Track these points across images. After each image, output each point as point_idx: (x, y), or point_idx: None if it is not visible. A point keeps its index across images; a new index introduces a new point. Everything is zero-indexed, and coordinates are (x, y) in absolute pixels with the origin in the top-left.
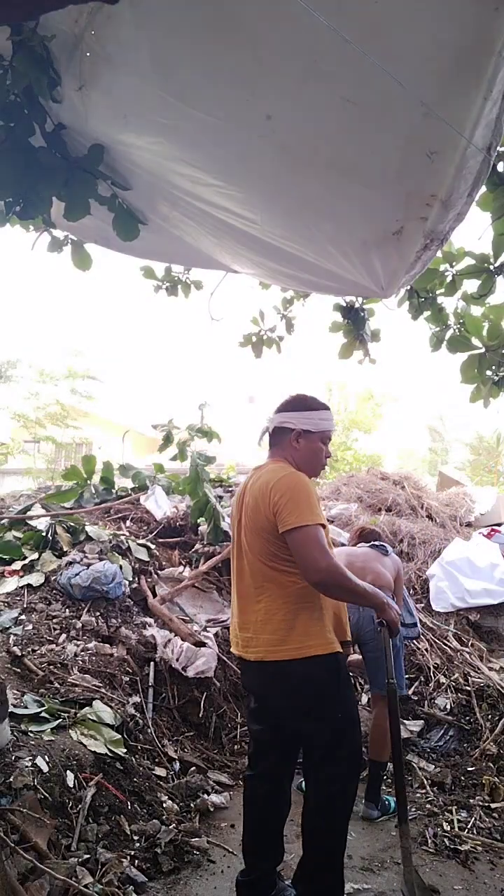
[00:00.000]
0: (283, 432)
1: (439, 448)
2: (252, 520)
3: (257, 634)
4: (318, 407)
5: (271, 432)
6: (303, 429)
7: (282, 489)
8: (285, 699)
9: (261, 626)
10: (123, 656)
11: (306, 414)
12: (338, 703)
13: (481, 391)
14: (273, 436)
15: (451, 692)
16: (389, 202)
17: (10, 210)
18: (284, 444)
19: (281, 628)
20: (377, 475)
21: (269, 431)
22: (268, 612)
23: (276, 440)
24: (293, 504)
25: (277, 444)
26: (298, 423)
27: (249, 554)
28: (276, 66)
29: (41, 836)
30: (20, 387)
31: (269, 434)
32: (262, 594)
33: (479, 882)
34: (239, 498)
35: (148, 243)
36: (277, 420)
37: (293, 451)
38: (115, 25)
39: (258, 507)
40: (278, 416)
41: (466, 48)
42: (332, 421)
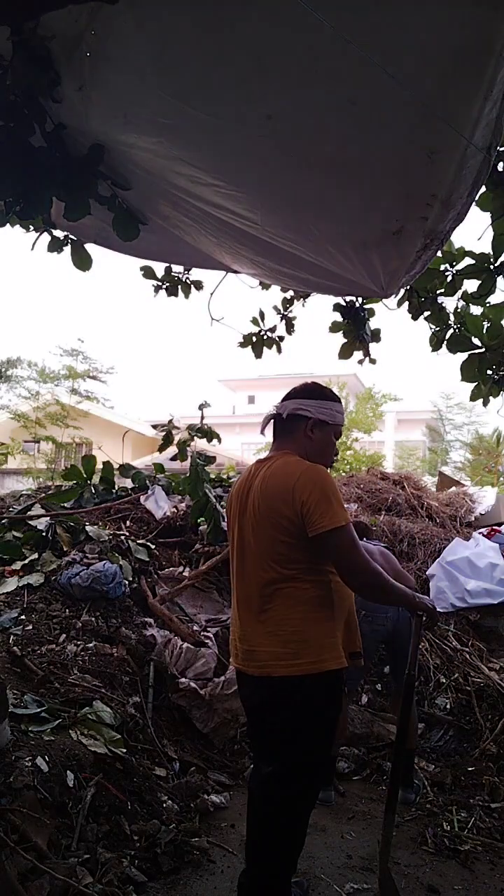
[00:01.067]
0: (297, 420)
1: (439, 448)
2: (264, 519)
3: (261, 647)
4: (334, 398)
5: (282, 420)
6: (319, 418)
7: (309, 486)
8: (284, 714)
9: (267, 637)
10: (123, 656)
11: (323, 403)
12: (328, 722)
13: (481, 390)
14: (282, 424)
15: (451, 692)
16: (389, 202)
17: (10, 210)
18: (297, 434)
19: (293, 640)
20: (377, 475)
21: (278, 418)
22: (276, 622)
23: (287, 428)
24: (325, 503)
25: (288, 433)
26: (315, 411)
27: (257, 557)
28: (276, 66)
29: (41, 836)
30: (20, 387)
31: (278, 422)
32: (269, 602)
33: (479, 882)
34: (240, 495)
35: (148, 243)
36: (291, 406)
37: (307, 443)
38: (115, 25)
39: (274, 507)
40: (292, 402)
41: (466, 48)
42: (344, 415)
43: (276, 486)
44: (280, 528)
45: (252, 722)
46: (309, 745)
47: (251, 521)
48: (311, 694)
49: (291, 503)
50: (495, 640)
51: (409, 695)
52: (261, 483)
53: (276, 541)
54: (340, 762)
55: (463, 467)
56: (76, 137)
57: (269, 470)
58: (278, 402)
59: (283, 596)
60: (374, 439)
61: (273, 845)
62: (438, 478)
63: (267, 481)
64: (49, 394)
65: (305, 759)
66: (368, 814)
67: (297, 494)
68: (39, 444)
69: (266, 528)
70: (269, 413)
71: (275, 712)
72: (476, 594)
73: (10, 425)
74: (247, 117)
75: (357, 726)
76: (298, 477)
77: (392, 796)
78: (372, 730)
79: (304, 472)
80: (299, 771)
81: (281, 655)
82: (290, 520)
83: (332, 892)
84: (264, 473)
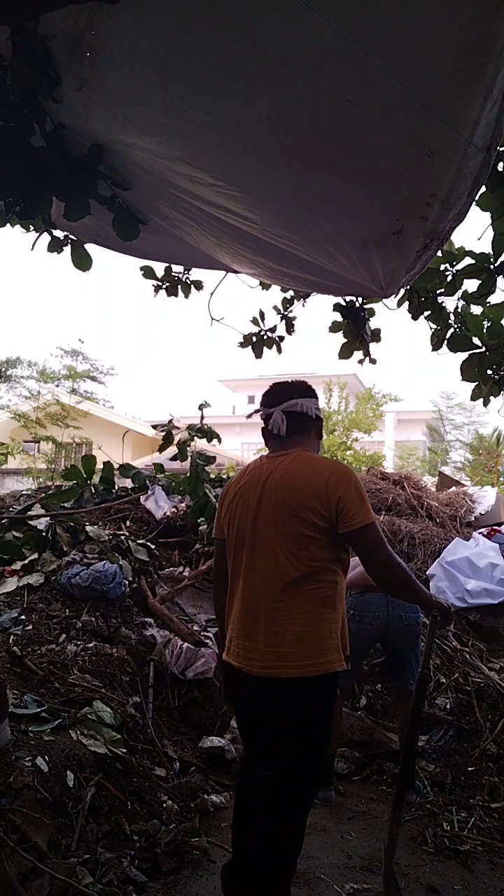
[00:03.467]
0: (307, 418)
1: (439, 448)
2: (286, 515)
3: (268, 647)
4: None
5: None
6: (321, 416)
7: (343, 484)
8: (290, 715)
9: (274, 637)
10: (123, 656)
11: (316, 402)
12: (329, 722)
13: (482, 390)
14: (294, 421)
15: (451, 692)
16: (389, 202)
17: (10, 210)
18: (310, 432)
19: (303, 640)
20: (377, 475)
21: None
22: (285, 621)
23: (302, 428)
24: (360, 500)
25: (300, 431)
26: (318, 409)
27: (273, 553)
28: (276, 66)
29: (41, 836)
30: (20, 387)
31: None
32: (279, 600)
33: (479, 882)
34: (248, 490)
35: (148, 243)
36: (313, 407)
37: (318, 443)
38: (116, 25)
39: (302, 502)
40: (308, 401)
41: (466, 48)
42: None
43: (303, 482)
44: (307, 523)
45: (248, 724)
46: (313, 746)
47: (267, 517)
48: (317, 695)
49: (325, 499)
50: (495, 640)
51: (421, 693)
52: (282, 479)
53: (301, 536)
54: (340, 763)
55: (463, 467)
56: (76, 137)
57: (289, 466)
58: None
59: (295, 594)
60: (374, 439)
61: (279, 848)
62: (438, 478)
63: (291, 477)
64: (49, 394)
65: (309, 760)
66: (368, 814)
67: (331, 491)
68: (39, 444)
69: (288, 523)
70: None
71: (280, 713)
72: (476, 594)
73: (10, 425)
74: (247, 117)
75: (357, 733)
76: (331, 474)
77: (400, 795)
78: (372, 737)
79: (336, 470)
80: (303, 772)
81: (289, 656)
82: (321, 515)
83: (332, 892)
84: (283, 469)
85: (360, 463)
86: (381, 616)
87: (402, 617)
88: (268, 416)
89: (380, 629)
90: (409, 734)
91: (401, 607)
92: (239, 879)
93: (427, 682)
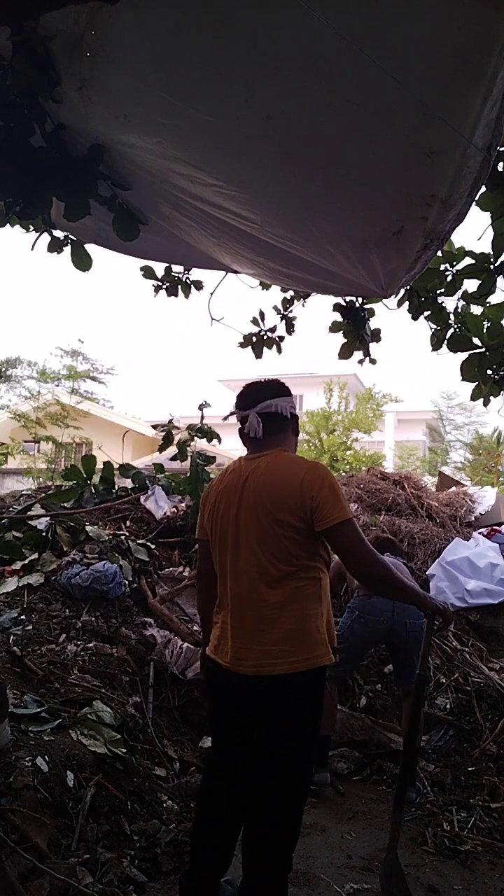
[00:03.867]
0: (282, 418)
1: (439, 448)
2: (266, 516)
3: (256, 645)
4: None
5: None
6: (296, 414)
7: (317, 483)
8: (281, 711)
9: (262, 635)
10: (123, 656)
11: (291, 399)
12: (319, 715)
13: (482, 390)
14: (273, 423)
15: (451, 692)
16: (389, 202)
17: (10, 210)
18: (286, 431)
19: (290, 637)
20: (377, 475)
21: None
22: (272, 619)
23: (279, 428)
24: (335, 498)
25: (277, 431)
26: (292, 408)
27: (253, 555)
28: (276, 66)
29: (41, 836)
30: (20, 387)
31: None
32: (264, 601)
33: (479, 882)
34: (228, 492)
35: (148, 243)
36: (288, 406)
37: (293, 439)
38: (116, 25)
39: (280, 503)
40: (282, 400)
41: (466, 48)
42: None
43: (280, 482)
44: (285, 523)
45: (231, 723)
46: (305, 741)
47: (248, 519)
48: (307, 690)
49: (301, 498)
50: (495, 640)
51: (419, 694)
52: (259, 480)
53: (280, 537)
54: (340, 763)
55: (463, 467)
56: (76, 137)
57: (266, 467)
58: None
59: (280, 593)
60: (374, 439)
61: (279, 844)
62: (438, 478)
63: (268, 478)
64: (49, 394)
65: (303, 755)
66: (368, 814)
67: (306, 490)
68: (39, 444)
69: (268, 525)
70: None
71: (271, 710)
72: (476, 594)
73: (10, 425)
74: (247, 117)
75: (357, 733)
76: (305, 473)
77: (400, 796)
78: (372, 737)
79: (311, 469)
80: (297, 767)
81: (277, 653)
82: (298, 515)
83: (332, 892)
84: (260, 470)
85: (360, 463)
86: (387, 620)
87: (407, 623)
88: (243, 418)
89: (384, 633)
90: (408, 735)
91: (406, 613)
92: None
93: (425, 683)
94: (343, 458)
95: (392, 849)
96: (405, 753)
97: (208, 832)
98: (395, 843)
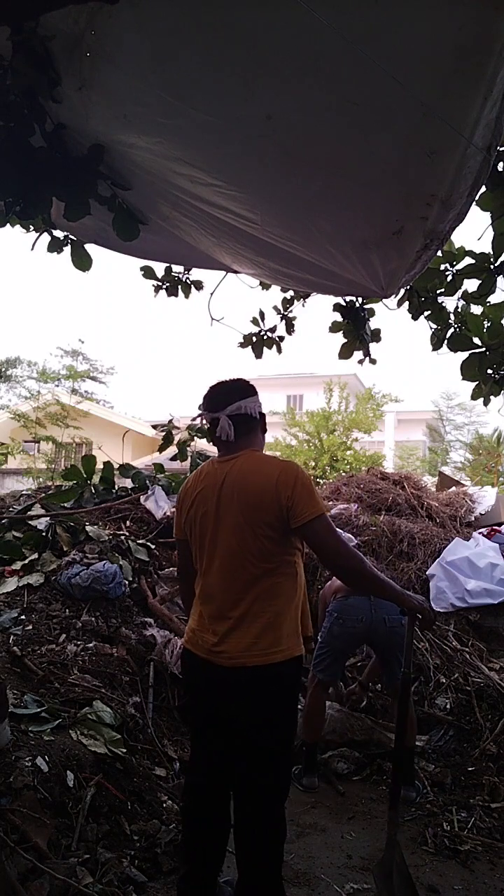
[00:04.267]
0: (251, 418)
1: (439, 448)
2: (243, 516)
3: (234, 639)
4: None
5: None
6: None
7: (291, 481)
8: (261, 702)
9: (240, 630)
10: (123, 656)
11: (257, 399)
12: (296, 704)
13: (482, 389)
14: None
15: (451, 692)
16: (389, 202)
17: (10, 210)
18: (255, 431)
19: (267, 631)
20: (377, 475)
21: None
22: (251, 615)
23: (246, 427)
24: (308, 495)
25: (247, 431)
26: (260, 407)
27: (233, 554)
28: (276, 66)
29: (41, 836)
30: (20, 387)
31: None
32: (244, 595)
33: (479, 882)
34: (204, 494)
35: (148, 243)
36: (255, 406)
37: (262, 438)
38: (116, 25)
39: (256, 503)
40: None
41: (466, 48)
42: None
43: (256, 483)
44: (263, 523)
45: (216, 715)
46: (285, 729)
47: (226, 521)
48: (284, 680)
49: (276, 498)
50: (495, 640)
51: (405, 693)
52: (234, 482)
53: (259, 536)
54: (340, 763)
55: (463, 467)
56: (76, 137)
57: (240, 468)
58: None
59: (258, 590)
60: (374, 439)
61: (271, 836)
62: (438, 478)
63: (244, 480)
64: (49, 394)
65: (284, 743)
66: (368, 814)
67: (281, 489)
68: (39, 444)
69: (248, 524)
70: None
71: (250, 701)
72: (476, 594)
73: (10, 425)
74: (247, 117)
75: (357, 734)
76: (279, 473)
77: (395, 794)
78: (372, 737)
79: (284, 469)
80: (280, 754)
81: (255, 646)
82: (274, 514)
83: (332, 892)
84: (236, 472)
85: (360, 463)
86: (365, 619)
87: (386, 620)
88: (213, 420)
89: (364, 632)
90: (398, 735)
91: (384, 610)
92: (200, 885)
93: (409, 682)
94: (343, 458)
95: (389, 848)
96: (395, 752)
97: (199, 830)
98: (392, 843)
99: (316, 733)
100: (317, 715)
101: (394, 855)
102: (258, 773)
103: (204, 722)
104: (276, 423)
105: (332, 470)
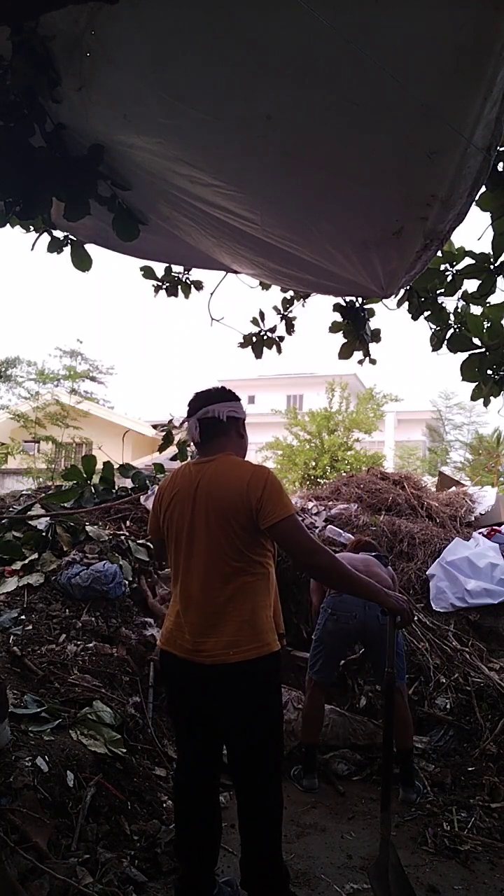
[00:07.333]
0: (225, 424)
1: (439, 448)
2: (218, 518)
3: (213, 637)
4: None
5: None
6: (243, 418)
7: (261, 484)
8: (238, 700)
9: (217, 628)
10: (123, 656)
11: (238, 404)
12: (279, 698)
13: (482, 390)
14: (217, 426)
15: (451, 692)
16: (389, 202)
17: (10, 210)
18: (231, 435)
19: (243, 628)
20: (377, 475)
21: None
22: (228, 613)
23: (222, 430)
24: (277, 496)
25: (223, 434)
26: (240, 412)
27: (208, 554)
28: (275, 65)
29: (41, 836)
30: (20, 387)
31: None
32: (220, 595)
33: (479, 882)
34: (182, 497)
35: (148, 243)
36: (226, 410)
37: (240, 441)
38: (116, 25)
39: (229, 505)
40: (220, 406)
41: (466, 48)
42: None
43: (228, 486)
44: (236, 524)
45: (198, 713)
46: (271, 722)
47: (201, 522)
48: (263, 675)
49: (247, 501)
50: (495, 640)
51: (389, 693)
52: (209, 485)
53: (232, 536)
54: (340, 763)
55: (463, 467)
56: (76, 137)
57: (215, 471)
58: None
59: (233, 589)
60: (374, 439)
61: (271, 829)
62: (438, 478)
63: (217, 483)
64: (49, 394)
65: (272, 734)
66: (368, 814)
67: (251, 492)
68: (39, 444)
69: (221, 526)
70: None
71: (232, 698)
72: (476, 594)
73: (10, 425)
74: (247, 117)
75: (360, 738)
76: (250, 476)
77: (385, 794)
78: (374, 741)
79: (255, 473)
80: (268, 746)
81: (232, 643)
82: (246, 516)
83: (332, 892)
84: (210, 474)
85: (360, 463)
86: (359, 616)
87: (379, 617)
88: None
89: (357, 629)
90: (385, 734)
91: (377, 608)
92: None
93: (393, 682)
94: (344, 458)
95: (383, 849)
96: (384, 752)
97: (191, 829)
98: (385, 843)
99: (315, 735)
100: (315, 716)
101: (388, 855)
102: (250, 765)
103: (187, 722)
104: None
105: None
